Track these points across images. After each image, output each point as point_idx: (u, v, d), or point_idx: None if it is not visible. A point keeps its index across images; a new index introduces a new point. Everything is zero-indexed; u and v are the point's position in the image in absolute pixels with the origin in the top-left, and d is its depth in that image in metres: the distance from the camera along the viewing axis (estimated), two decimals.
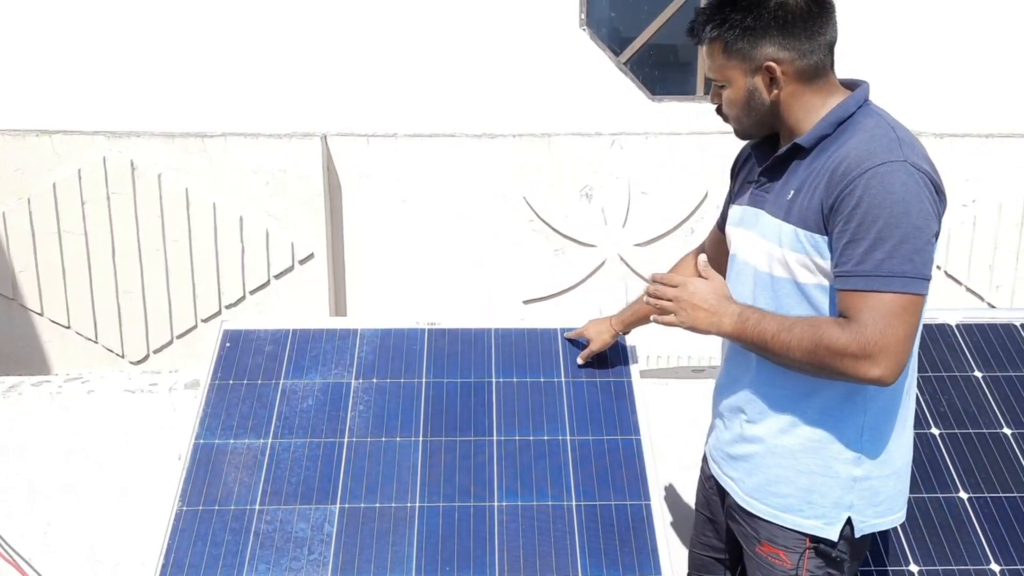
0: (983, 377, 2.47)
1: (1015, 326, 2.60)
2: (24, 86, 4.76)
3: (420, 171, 4.82)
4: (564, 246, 4.92)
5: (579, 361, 2.39)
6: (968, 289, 4.99)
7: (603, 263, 4.94)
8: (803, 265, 1.68)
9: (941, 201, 1.62)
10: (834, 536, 1.75)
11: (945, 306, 2.70)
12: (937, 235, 1.62)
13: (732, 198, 1.96)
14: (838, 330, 1.58)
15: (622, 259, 4.93)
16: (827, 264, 1.65)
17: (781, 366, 1.71)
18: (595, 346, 2.36)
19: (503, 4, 4.86)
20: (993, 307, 4.94)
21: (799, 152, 1.71)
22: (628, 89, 5.02)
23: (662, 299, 1.80)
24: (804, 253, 1.66)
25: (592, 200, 4.86)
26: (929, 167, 1.60)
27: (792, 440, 1.76)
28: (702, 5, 1.81)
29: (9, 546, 2.74)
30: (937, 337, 2.56)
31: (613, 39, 5.14)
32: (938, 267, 4.90)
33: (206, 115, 4.81)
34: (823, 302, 1.68)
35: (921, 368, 2.47)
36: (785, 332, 1.64)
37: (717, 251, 2.03)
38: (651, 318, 1.89)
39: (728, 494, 1.91)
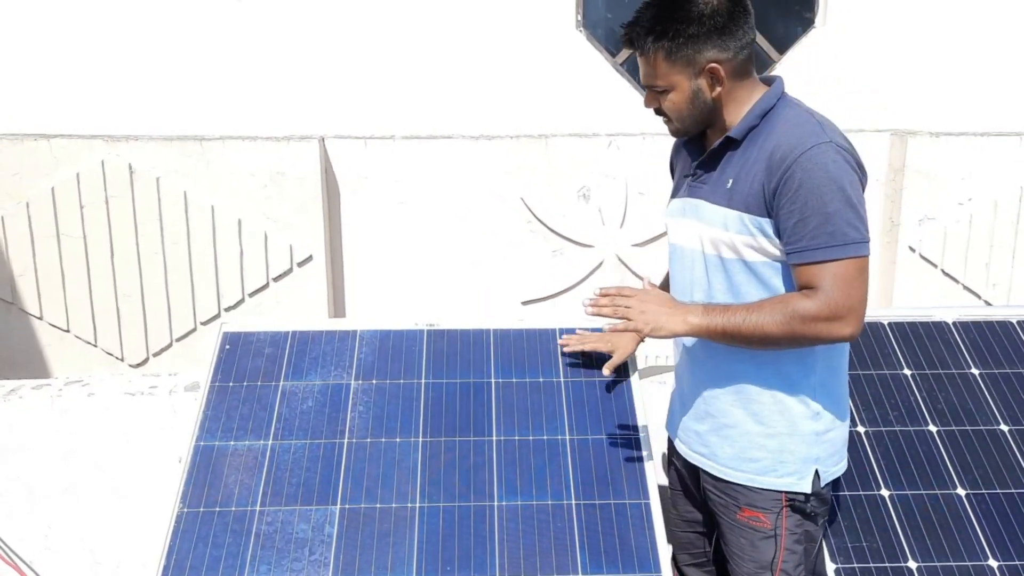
0: (980, 374, 2.48)
1: (1012, 323, 2.61)
2: (22, 90, 4.76)
3: (418, 173, 4.83)
4: (562, 247, 4.92)
5: (605, 371, 2.36)
6: (965, 287, 5.00)
7: (601, 263, 4.95)
8: (749, 246, 1.82)
9: (863, 174, 1.79)
10: (807, 489, 1.90)
11: (942, 304, 2.71)
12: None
13: (672, 194, 2.08)
14: (806, 300, 1.74)
15: (620, 259, 4.94)
16: (770, 243, 1.79)
17: (752, 347, 1.82)
18: (618, 358, 2.35)
19: (499, 6, 4.87)
20: (990, 304, 4.95)
21: (731, 144, 1.85)
22: (625, 89, 5.03)
23: (620, 307, 1.86)
24: (750, 235, 1.81)
25: (589, 201, 4.87)
26: (848, 145, 1.78)
27: (758, 407, 1.90)
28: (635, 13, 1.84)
29: (10, 548, 2.75)
30: (934, 335, 2.57)
31: (610, 40, 5.15)
32: (934, 265, 4.91)
33: (204, 118, 4.81)
34: (771, 277, 1.83)
35: (918, 365, 2.49)
36: (755, 313, 1.77)
37: None
38: (604, 328, 1.96)
39: (702, 470, 2.02)
